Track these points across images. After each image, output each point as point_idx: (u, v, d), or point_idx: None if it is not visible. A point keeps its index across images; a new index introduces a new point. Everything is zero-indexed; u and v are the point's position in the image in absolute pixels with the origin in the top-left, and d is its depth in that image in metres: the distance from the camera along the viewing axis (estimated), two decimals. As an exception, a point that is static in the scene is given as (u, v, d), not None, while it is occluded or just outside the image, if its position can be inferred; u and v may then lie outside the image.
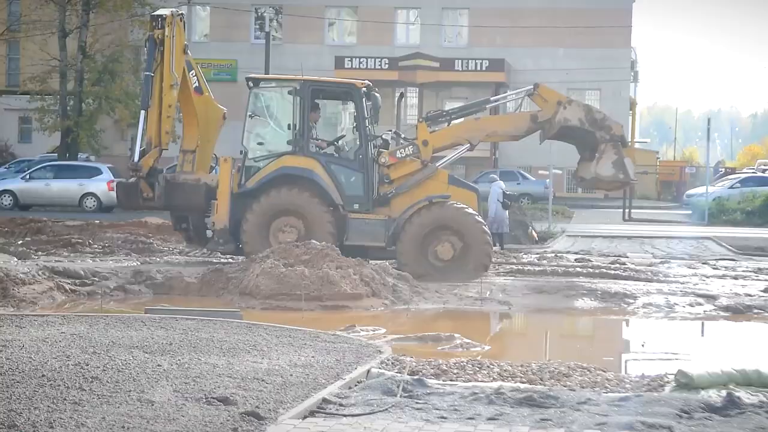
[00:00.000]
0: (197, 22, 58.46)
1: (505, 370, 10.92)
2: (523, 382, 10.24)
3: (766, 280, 21.25)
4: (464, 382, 10.15)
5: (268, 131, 21.63)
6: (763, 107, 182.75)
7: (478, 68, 55.37)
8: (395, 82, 56.85)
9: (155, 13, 21.78)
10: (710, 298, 17.88)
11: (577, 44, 56.29)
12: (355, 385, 9.57)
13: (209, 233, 21.06)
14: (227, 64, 59.13)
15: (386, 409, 8.57)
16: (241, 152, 21.20)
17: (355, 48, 59.07)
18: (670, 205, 54.00)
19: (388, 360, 11.05)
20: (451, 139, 21.63)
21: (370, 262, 18.76)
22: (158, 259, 22.52)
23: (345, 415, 8.35)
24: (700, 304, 17.49)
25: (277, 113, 21.65)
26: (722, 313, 16.97)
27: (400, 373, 10.24)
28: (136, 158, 20.85)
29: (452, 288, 18.65)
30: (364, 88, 20.92)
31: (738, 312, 16.97)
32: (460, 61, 55.71)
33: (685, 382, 9.85)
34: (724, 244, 29.70)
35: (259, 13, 60.86)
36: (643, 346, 14.44)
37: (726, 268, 23.37)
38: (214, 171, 22.88)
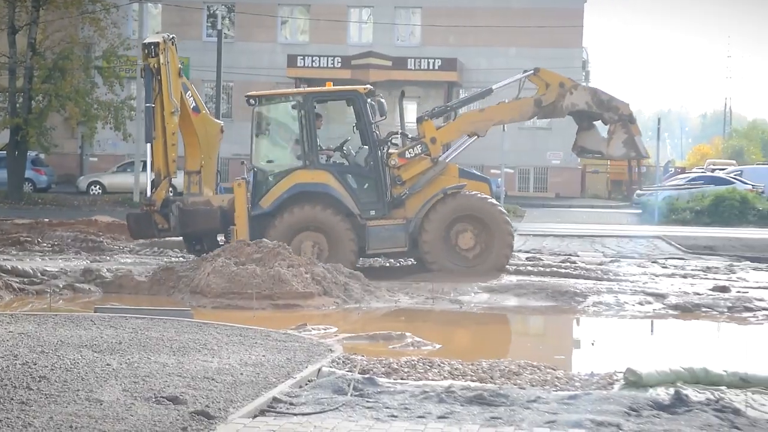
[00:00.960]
0: (149, 19, 58.00)
1: (455, 369, 10.95)
2: (473, 381, 10.27)
3: (714, 278, 21.44)
4: (415, 380, 10.16)
5: (275, 147, 21.66)
6: (713, 108, 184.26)
7: (431, 67, 55.39)
8: (348, 81, 56.55)
9: (147, 41, 21.46)
10: (659, 296, 18.00)
11: (530, 44, 56.46)
12: (306, 384, 9.56)
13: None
14: (179, 62, 58.80)
15: (337, 408, 8.56)
16: (242, 164, 21.50)
17: (307, 46, 58.92)
18: (621, 204, 54.33)
19: (339, 359, 11.05)
20: (458, 133, 21.80)
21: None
22: (108, 258, 22.41)
23: (295, 414, 8.34)
24: (650, 303, 17.60)
25: (283, 128, 21.65)
26: (671, 312, 17.08)
27: (351, 371, 10.25)
28: (149, 193, 20.68)
29: (404, 287, 18.67)
30: (367, 93, 20.96)
31: (686, 311, 17.10)
32: (412, 60, 55.70)
33: (634, 380, 9.93)
34: (673, 243, 29.92)
35: (212, 11, 60.59)
36: (593, 344, 14.53)
37: (675, 266, 23.54)
38: (218, 186, 22.88)
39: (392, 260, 22.71)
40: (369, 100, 20.86)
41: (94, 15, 44.44)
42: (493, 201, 21.12)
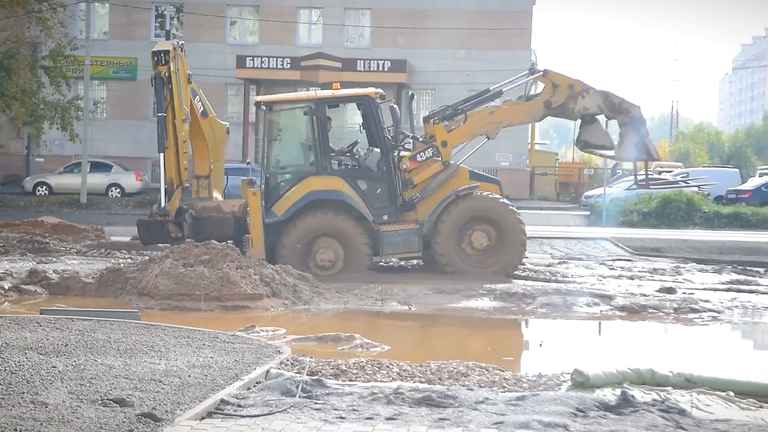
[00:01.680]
0: (96, 19, 57.56)
1: (404, 370, 10.96)
2: (422, 382, 10.29)
3: (661, 280, 21.63)
4: (364, 382, 10.17)
5: (287, 153, 21.62)
6: (660, 110, 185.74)
7: (380, 69, 55.39)
8: (297, 82, 56.62)
9: (156, 48, 21.35)
10: (607, 298, 18.12)
11: (479, 46, 56.63)
12: (254, 386, 9.53)
13: None
14: (127, 63, 58.41)
15: (285, 410, 8.54)
16: (248, 163, 21.01)
17: (257, 47, 58.69)
18: (569, 206, 54.61)
19: (287, 360, 11.03)
20: (468, 136, 21.85)
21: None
22: (55, 259, 22.21)
23: (243, 416, 8.30)
24: (597, 304, 17.72)
25: (294, 133, 21.61)
26: (618, 313, 17.22)
27: (299, 373, 10.23)
28: (163, 203, 20.64)
29: (353, 288, 18.67)
30: (378, 97, 21.02)
31: (633, 312, 17.24)
32: (362, 61, 55.67)
33: (581, 381, 9.99)
34: (621, 244, 30.15)
35: (160, 11, 60.18)
36: (541, 345, 14.58)
37: (622, 268, 23.74)
38: (226, 188, 22.92)
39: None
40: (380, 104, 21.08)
41: (40, 14, 43.94)
42: (506, 202, 21.23)
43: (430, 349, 14.49)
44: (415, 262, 22.15)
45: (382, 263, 21.93)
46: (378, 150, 21.07)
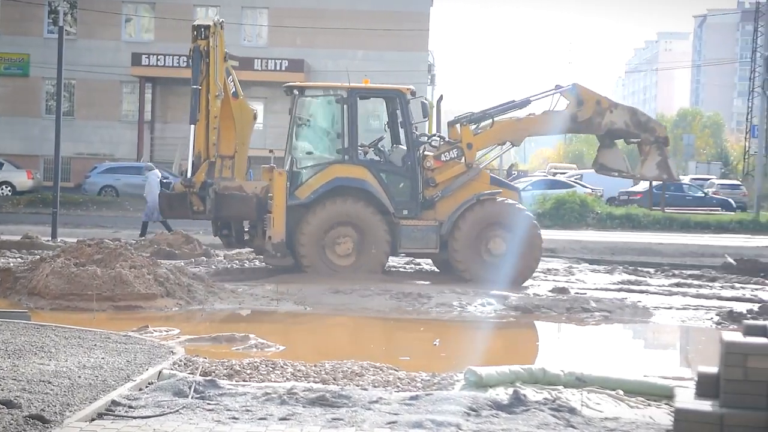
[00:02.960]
0: (-13, 13, 56.58)
1: (298, 370, 10.94)
2: (316, 382, 10.27)
3: (554, 280, 21.93)
4: (257, 382, 10.12)
5: (314, 139, 21.59)
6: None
7: (278, 68, 55.26)
8: (194, 80, 56.09)
9: (197, 23, 21.29)
10: (501, 297, 18.27)
11: (377, 47, 56.82)
12: (146, 387, 9.42)
13: (245, 237, 21.51)
14: (19, 59, 57.46)
15: (177, 411, 8.46)
16: (270, 152, 22.31)
17: (152, 45, 58.13)
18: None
19: (180, 361, 10.93)
20: (494, 141, 22.00)
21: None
22: (-58, 258, 21.71)
23: (134, 417, 8.21)
24: (491, 304, 17.87)
25: (323, 121, 21.60)
26: (512, 313, 17.38)
27: (192, 374, 10.15)
28: (189, 174, 20.62)
29: (248, 288, 18.57)
30: (410, 94, 21.06)
31: (527, 311, 17.43)
32: (259, 60, 55.45)
33: (474, 381, 10.06)
34: (515, 245, 30.39)
35: (53, 7, 59.24)
36: (435, 345, 14.66)
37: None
38: (249, 173, 22.82)
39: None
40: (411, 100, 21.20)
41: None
42: (524, 208, 21.29)
43: (325, 349, 14.47)
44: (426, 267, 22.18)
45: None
46: (403, 147, 21.23)
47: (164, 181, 28.59)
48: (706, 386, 7.80)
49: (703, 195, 54.71)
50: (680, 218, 42.63)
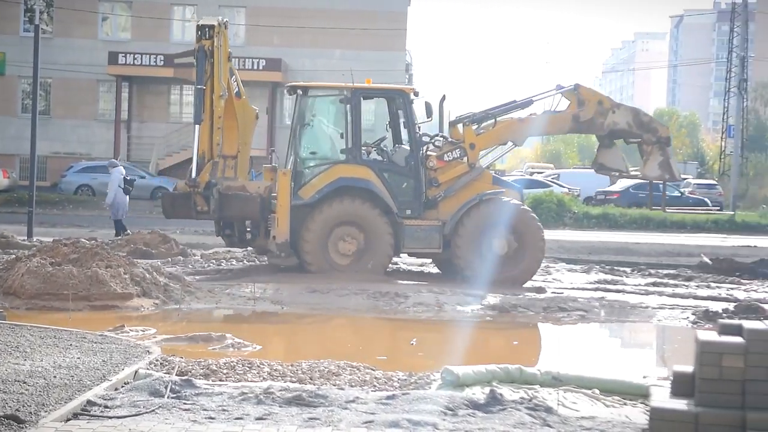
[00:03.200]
0: (-38, 12, 56.25)
1: (275, 370, 10.91)
2: (292, 382, 10.26)
3: (531, 279, 21.93)
4: (234, 382, 10.10)
5: (317, 139, 21.60)
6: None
7: (255, 67, 55.15)
8: (171, 80, 56.07)
9: (201, 22, 21.26)
10: (478, 296, 18.31)
11: (354, 46, 56.79)
12: (122, 387, 9.39)
13: (248, 236, 21.41)
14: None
15: (153, 411, 8.44)
16: (272, 151, 22.28)
17: (129, 44, 57.95)
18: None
19: (156, 360, 10.89)
20: (497, 141, 22.02)
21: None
22: None
23: (110, 417, 8.18)
24: (468, 303, 17.90)
25: (326, 121, 21.68)
26: (489, 312, 17.40)
27: (168, 373, 10.12)
28: (194, 174, 20.59)
29: (225, 288, 18.53)
30: (413, 94, 21.08)
31: (504, 311, 17.45)
32: (237, 59, 54.95)
33: (451, 380, 10.08)
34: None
35: (29, 5, 58.83)
36: (412, 344, 14.66)
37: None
38: (251, 173, 22.56)
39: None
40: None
41: None
42: (528, 209, 21.36)
43: (301, 348, 14.47)
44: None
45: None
46: (405, 147, 21.30)
47: (127, 179, 28.42)
48: (681, 385, 7.83)
49: (679, 195, 54.86)
50: (657, 217, 42.75)
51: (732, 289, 21.27)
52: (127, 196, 28.26)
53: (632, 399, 9.80)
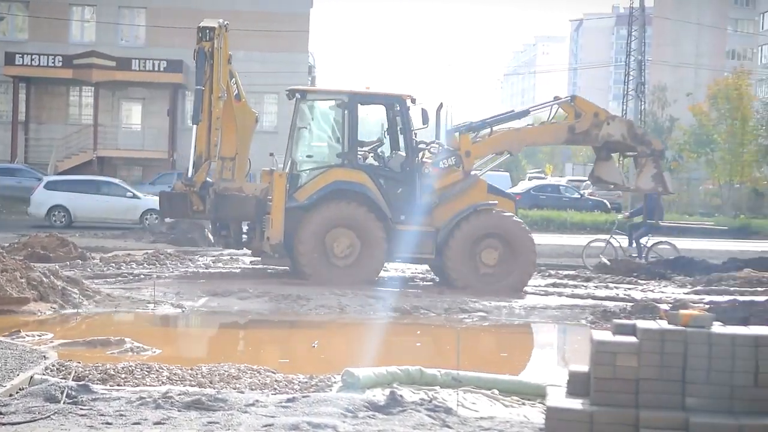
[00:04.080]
0: None
1: (174, 374, 10.82)
2: (192, 386, 10.18)
3: (432, 279, 22.05)
4: (132, 386, 9.99)
5: (314, 143, 21.63)
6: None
7: (156, 69, 54.67)
8: (70, 81, 55.32)
9: (202, 24, 21.48)
10: (380, 299, 18.39)
11: (257, 48, 56.47)
12: (17, 393, 9.25)
13: (243, 237, 21.67)
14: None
15: (48, 417, 8.32)
16: (271, 155, 22.53)
17: (26, 44, 57.00)
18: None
19: (53, 366, 10.73)
20: (492, 149, 22.14)
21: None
22: None
23: (3, 424, 8.04)
24: (371, 305, 17.96)
25: (323, 125, 21.67)
26: (391, 314, 17.48)
27: (65, 379, 9.97)
28: (190, 173, 20.69)
29: (125, 291, 18.33)
30: (410, 101, 21.09)
31: (406, 312, 17.55)
32: (137, 60, 54.81)
33: (352, 382, 10.09)
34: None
35: None
36: (314, 346, 14.65)
37: (396, 269, 24.04)
38: (249, 175, 22.94)
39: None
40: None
41: None
42: (520, 221, 21.35)
43: (202, 352, 14.39)
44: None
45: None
46: (401, 153, 21.25)
47: None
48: (577, 385, 7.93)
49: (579, 196, 55.59)
50: (558, 219, 43.23)
51: (629, 289, 21.63)
52: None
53: (531, 399, 9.93)
